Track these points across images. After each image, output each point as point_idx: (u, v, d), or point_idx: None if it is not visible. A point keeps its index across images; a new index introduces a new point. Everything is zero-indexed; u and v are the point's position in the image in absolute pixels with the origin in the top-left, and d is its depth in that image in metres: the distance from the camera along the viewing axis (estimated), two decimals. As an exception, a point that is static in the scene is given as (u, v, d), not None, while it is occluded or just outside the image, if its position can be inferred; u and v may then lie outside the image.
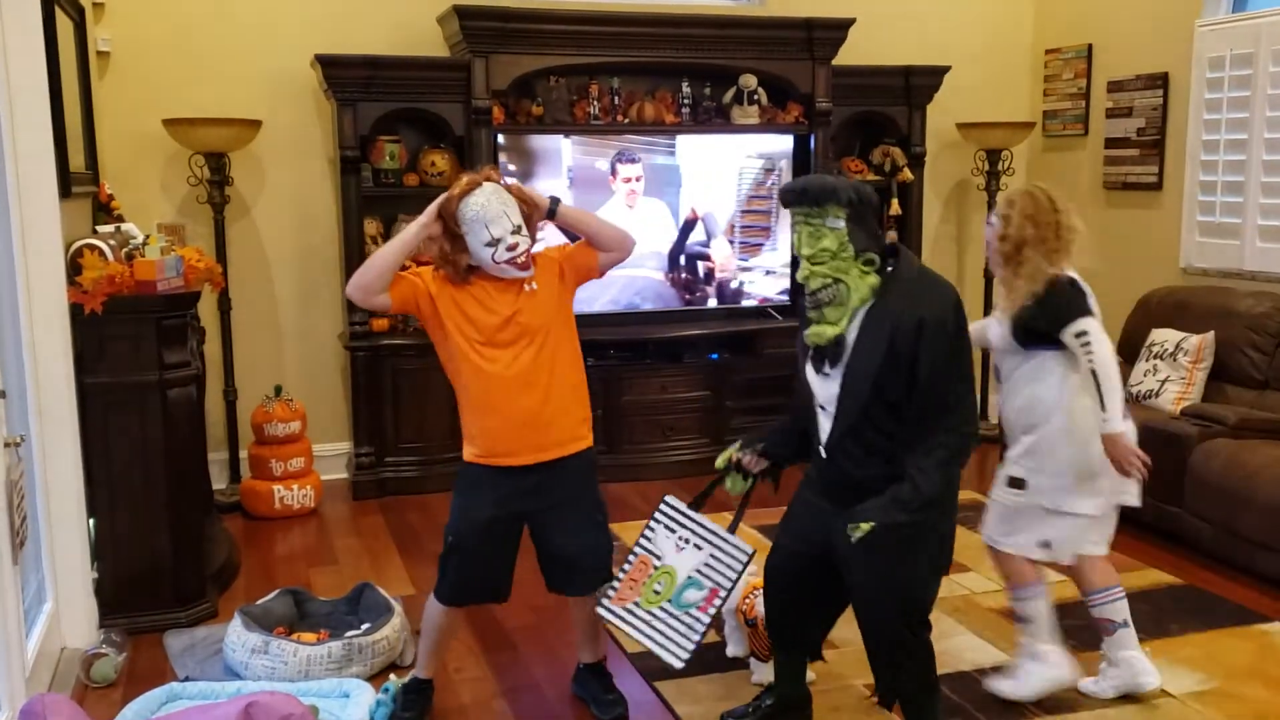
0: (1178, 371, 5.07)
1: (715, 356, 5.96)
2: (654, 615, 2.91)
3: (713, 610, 2.87)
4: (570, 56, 5.56)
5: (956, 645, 3.72)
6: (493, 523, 3.13)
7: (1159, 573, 4.40)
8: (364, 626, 3.68)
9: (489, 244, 2.99)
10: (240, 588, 4.36)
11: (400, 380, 5.46)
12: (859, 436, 2.76)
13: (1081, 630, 3.83)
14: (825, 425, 2.84)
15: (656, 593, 2.93)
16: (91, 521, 3.83)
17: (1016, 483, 3.33)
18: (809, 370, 2.86)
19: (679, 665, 2.87)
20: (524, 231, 3.05)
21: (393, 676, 3.45)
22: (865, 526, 2.65)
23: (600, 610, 3.00)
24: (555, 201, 3.17)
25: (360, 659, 3.52)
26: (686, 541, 2.96)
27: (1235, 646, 3.73)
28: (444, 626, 3.28)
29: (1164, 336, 5.22)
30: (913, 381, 2.66)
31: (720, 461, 3.13)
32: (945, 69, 6.16)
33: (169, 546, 3.92)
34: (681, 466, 5.78)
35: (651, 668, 3.59)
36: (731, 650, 3.65)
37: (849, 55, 5.96)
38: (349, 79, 5.26)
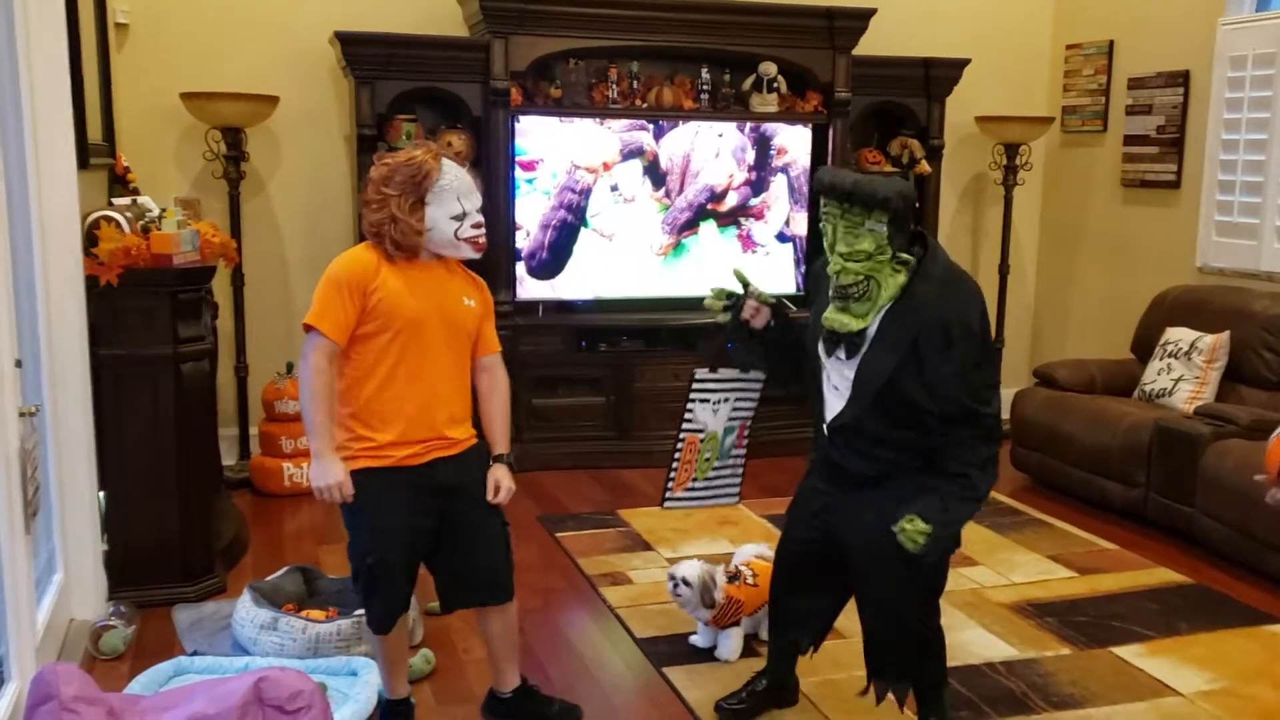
0: (1192, 371, 5.05)
1: (730, 346, 5.92)
2: (710, 480, 3.15)
3: (746, 440, 3.12)
4: (590, 39, 5.53)
5: (966, 639, 3.71)
6: (411, 530, 2.90)
7: (1169, 571, 4.39)
8: (373, 605, 3.67)
9: (456, 217, 2.84)
10: (249, 564, 4.36)
11: (411, 361, 5.44)
12: (866, 423, 2.71)
13: (1088, 626, 3.84)
14: (834, 405, 2.76)
15: (707, 459, 3.14)
16: (102, 494, 3.84)
17: None
18: (820, 348, 2.78)
19: (736, 502, 3.29)
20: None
21: (401, 655, 3.45)
22: (920, 528, 2.61)
23: (667, 505, 3.18)
24: None
25: (369, 637, 3.51)
26: (720, 401, 3.12)
27: (1244, 647, 3.72)
28: (394, 648, 3.07)
29: (1179, 335, 5.20)
30: (935, 381, 2.60)
31: (716, 297, 3.13)
32: (965, 61, 6.12)
33: (178, 521, 3.92)
34: (691, 454, 5.77)
35: (660, 653, 3.59)
36: (748, 629, 3.65)
37: (869, 45, 5.93)
38: (367, 57, 5.24)
